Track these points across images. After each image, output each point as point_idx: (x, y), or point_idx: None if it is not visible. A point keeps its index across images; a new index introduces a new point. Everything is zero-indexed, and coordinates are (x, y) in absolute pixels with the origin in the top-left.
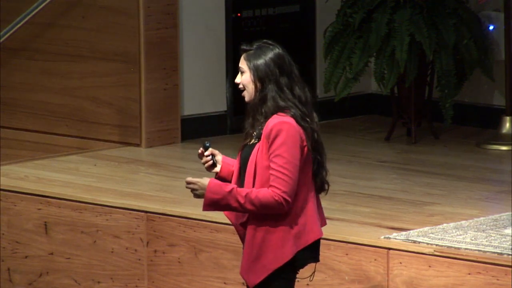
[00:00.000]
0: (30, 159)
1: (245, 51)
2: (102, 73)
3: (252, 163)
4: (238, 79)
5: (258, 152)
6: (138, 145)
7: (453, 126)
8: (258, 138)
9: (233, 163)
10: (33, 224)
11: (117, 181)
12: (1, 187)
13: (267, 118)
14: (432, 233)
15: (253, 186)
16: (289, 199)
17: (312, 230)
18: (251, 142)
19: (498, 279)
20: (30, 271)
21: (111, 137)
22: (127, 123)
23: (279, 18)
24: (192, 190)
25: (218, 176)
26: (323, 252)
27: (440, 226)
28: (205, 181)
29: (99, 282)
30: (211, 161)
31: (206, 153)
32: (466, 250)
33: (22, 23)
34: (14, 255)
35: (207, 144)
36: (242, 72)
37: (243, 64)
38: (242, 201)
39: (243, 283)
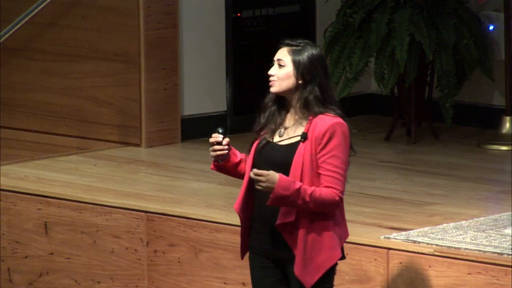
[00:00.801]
0: (30, 159)
1: (290, 45)
2: (102, 73)
3: (299, 164)
4: (273, 71)
5: (304, 153)
6: (138, 145)
7: (453, 126)
8: (304, 138)
9: (238, 155)
10: (33, 224)
11: (117, 181)
12: (1, 187)
13: (307, 118)
14: (432, 233)
15: None
16: (343, 197)
17: (346, 228)
18: (281, 141)
19: (498, 279)
20: (30, 271)
21: (111, 137)
22: (127, 123)
23: (279, 18)
24: (258, 182)
25: (221, 166)
26: None
27: (440, 226)
28: (275, 175)
29: (99, 282)
30: (226, 151)
31: (224, 143)
32: (466, 250)
33: (22, 23)
34: (14, 255)
35: (221, 131)
36: (281, 66)
37: (285, 57)
38: (307, 199)
39: (243, 283)
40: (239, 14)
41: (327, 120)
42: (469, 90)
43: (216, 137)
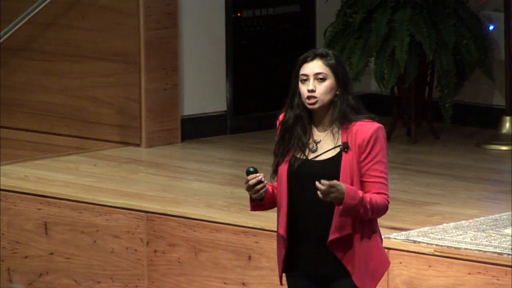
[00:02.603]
0: (30, 159)
1: (322, 56)
2: (102, 73)
3: (347, 175)
4: (313, 86)
5: (350, 163)
6: (138, 145)
7: (453, 126)
8: (347, 147)
9: (270, 186)
10: (33, 224)
11: (117, 181)
12: (1, 187)
13: (340, 127)
14: (432, 233)
15: None
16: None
17: (380, 233)
18: (318, 157)
19: (498, 279)
20: (30, 271)
21: (111, 137)
22: (127, 123)
23: (279, 18)
24: (329, 193)
25: (260, 204)
26: None
27: (440, 226)
28: (343, 185)
29: (99, 282)
30: (266, 187)
31: (263, 179)
32: (466, 250)
33: (22, 23)
34: (14, 255)
35: (253, 170)
36: (322, 79)
37: (323, 69)
38: (368, 207)
39: (243, 283)
40: (239, 14)
41: (368, 127)
42: (469, 90)
43: (255, 177)
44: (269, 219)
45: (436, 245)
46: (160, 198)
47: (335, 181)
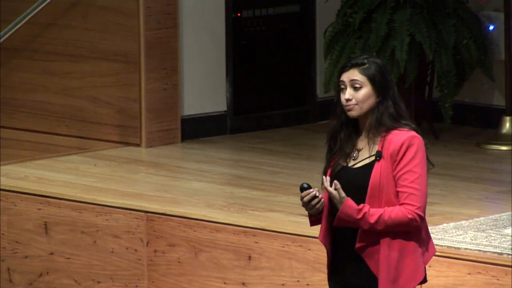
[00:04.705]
0: (30, 159)
1: (357, 65)
2: (102, 73)
3: (376, 184)
4: (349, 95)
5: (381, 172)
6: (138, 145)
7: (453, 126)
8: (379, 156)
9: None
10: (33, 224)
11: (117, 181)
12: (1, 187)
13: (379, 135)
14: (432, 233)
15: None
16: (422, 214)
17: (431, 246)
18: (356, 164)
19: (498, 279)
20: (30, 271)
21: (111, 137)
22: (127, 123)
23: (279, 18)
24: (333, 197)
25: (319, 218)
26: (323, 252)
27: (440, 226)
28: (344, 200)
29: (99, 282)
30: (322, 201)
31: (317, 194)
32: (466, 250)
33: (22, 23)
34: (14, 255)
35: (306, 185)
36: (357, 87)
37: (358, 77)
38: (374, 224)
39: (243, 283)
40: (239, 14)
41: (401, 135)
42: (469, 90)
43: (309, 193)
44: (269, 219)
45: (436, 245)
46: (160, 198)
47: (340, 194)
